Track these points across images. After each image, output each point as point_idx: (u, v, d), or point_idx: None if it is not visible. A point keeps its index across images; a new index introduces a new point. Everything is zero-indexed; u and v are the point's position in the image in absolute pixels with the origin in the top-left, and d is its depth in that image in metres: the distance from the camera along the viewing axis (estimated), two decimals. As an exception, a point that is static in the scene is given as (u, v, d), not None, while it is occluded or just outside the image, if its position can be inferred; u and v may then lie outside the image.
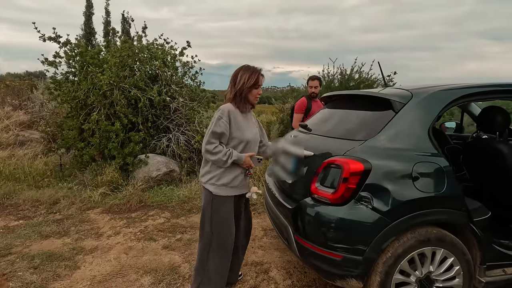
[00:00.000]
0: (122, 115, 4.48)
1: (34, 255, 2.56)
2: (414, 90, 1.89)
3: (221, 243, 1.86)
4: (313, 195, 1.78)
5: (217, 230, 1.85)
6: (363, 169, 1.63)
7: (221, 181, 1.84)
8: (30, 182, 4.44)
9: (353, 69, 5.95)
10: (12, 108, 7.41)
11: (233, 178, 1.86)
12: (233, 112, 1.81)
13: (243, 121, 1.86)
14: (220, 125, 1.76)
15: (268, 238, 3.00)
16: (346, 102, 2.40)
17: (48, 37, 4.61)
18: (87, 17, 9.24)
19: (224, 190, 1.85)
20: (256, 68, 1.85)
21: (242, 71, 1.82)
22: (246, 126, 1.86)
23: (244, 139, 1.84)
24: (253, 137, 1.91)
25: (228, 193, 1.86)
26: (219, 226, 1.85)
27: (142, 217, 3.49)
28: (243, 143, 1.85)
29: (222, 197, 1.84)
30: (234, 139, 1.82)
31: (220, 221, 1.85)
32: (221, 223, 1.85)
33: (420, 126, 1.76)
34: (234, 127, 1.80)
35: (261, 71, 1.87)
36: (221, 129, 1.76)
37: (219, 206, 1.84)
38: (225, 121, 1.77)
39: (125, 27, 8.86)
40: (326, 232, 1.68)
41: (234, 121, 1.80)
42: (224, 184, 1.84)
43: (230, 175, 1.85)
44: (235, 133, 1.81)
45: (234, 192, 1.88)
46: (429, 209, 1.64)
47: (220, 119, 1.77)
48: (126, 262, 2.52)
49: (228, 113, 1.79)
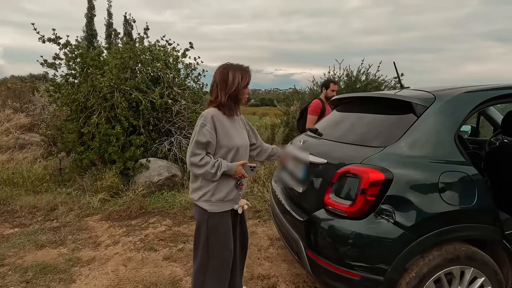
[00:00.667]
0: (123, 118, 4.35)
1: (28, 267, 2.41)
2: (436, 92, 1.73)
3: (219, 263, 1.65)
4: (327, 207, 1.63)
5: (215, 250, 1.64)
6: (383, 179, 1.48)
7: (216, 197, 1.62)
8: (28, 187, 4.31)
9: (360, 71, 5.80)
10: (13, 111, 7.33)
11: (229, 190, 1.65)
12: (218, 117, 1.60)
13: (230, 126, 1.64)
14: (204, 134, 1.54)
15: (275, 248, 2.84)
16: (359, 105, 2.25)
17: (48, 39, 4.50)
18: (88, 19, 9.17)
19: (220, 205, 1.63)
20: (243, 65, 1.67)
21: (232, 71, 1.61)
22: (234, 131, 1.65)
23: (233, 146, 1.63)
24: (243, 143, 1.69)
25: (224, 208, 1.64)
26: (217, 245, 1.64)
27: (143, 224, 3.34)
28: (233, 151, 1.63)
29: (219, 213, 1.63)
30: (222, 148, 1.61)
31: (218, 240, 1.64)
32: (219, 242, 1.64)
33: (445, 132, 1.60)
34: (221, 134, 1.59)
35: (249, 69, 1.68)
36: (206, 138, 1.54)
37: (216, 223, 1.63)
38: (210, 128, 1.55)
39: (127, 29, 8.78)
40: (343, 249, 1.52)
41: (220, 127, 1.59)
42: (220, 199, 1.63)
43: (226, 188, 1.63)
44: (222, 141, 1.60)
45: (231, 206, 1.68)
46: (458, 224, 1.48)
47: (203, 126, 1.55)
48: (125, 275, 2.36)
49: (212, 119, 1.57)
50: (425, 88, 1.90)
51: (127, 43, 5.14)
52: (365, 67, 5.72)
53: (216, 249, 1.63)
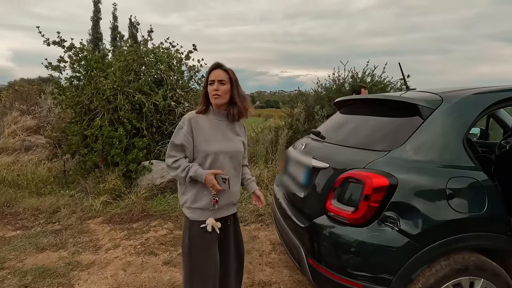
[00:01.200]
0: (126, 121, 4.34)
1: (27, 270, 2.40)
2: (444, 94, 1.66)
3: (203, 275, 1.54)
4: (329, 213, 1.57)
5: (197, 260, 1.53)
6: (388, 185, 1.41)
7: (196, 204, 1.51)
8: (32, 189, 4.33)
9: (365, 72, 5.71)
10: (19, 113, 7.41)
11: (210, 200, 1.51)
12: (197, 119, 1.51)
13: (211, 129, 1.53)
14: (179, 136, 1.48)
15: (277, 253, 2.78)
16: (363, 107, 2.18)
17: (53, 42, 4.54)
18: (94, 22, 9.26)
19: (201, 214, 1.52)
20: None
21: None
22: (216, 136, 1.53)
23: (209, 151, 1.50)
24: (225, 149, 1.53)
25: (207, 217, 1.52)
26: (200, 256, 1.54)
27: (144, 228, 3.31)
28: (210, 157, 1.50)
29: (200, 222, 1.52)
30: (199, 153, 1.51)
31: (200, 250, 1.52)
32: (202, 253, 1.53)
33: (453, 135, 1.53)
34: (199, 138, 1.49)
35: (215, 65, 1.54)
36: (180, 140, 1.48)
37: (198, 233, 1.51)
38: (186, 131, 1.48)
39: (132, 31, 8.85)
40: (345, 257, 1.46)
41: (198, 130, 1.49)
42: (201, 207, 1.51)
43: (206, 197, 1.52)
44: (199, 146, 1.50)
45: (215, 216, 1.54)
46: (467, 233, 1.40)
47: (180, 128, 1.50)
48: (124, 279, 2.33)
49: (189, 121, 1.49)
50: (431, 89, 1.83)
51: (131, 46, 5.16)
52: (370, 69, 5.65)
53: (199, 259, 1.53)
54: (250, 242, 2.99)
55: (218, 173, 1.48)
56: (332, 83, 5.99)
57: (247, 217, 3.56)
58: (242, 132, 1.68)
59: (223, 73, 1.51)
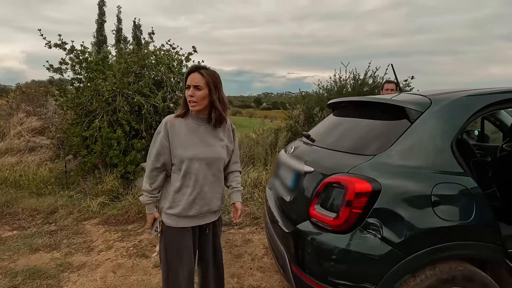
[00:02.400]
0: (125, 122, 4.37)
1: (18, 271, 2.41)
2: (433, 96, 1.60)
3: (177, 280, 1.51)
4: (312, 218, 1.52)
5: (172, 266, 1.50)
6: (370, 190, 1.36)
7: (172, 210, 1.47)
8: (32, 190, 4.38)
9: (367, 74, 5.62)
10: (25, 114, 7.55)
11: (187, 205, 1.47)
12: (174, 123, 1.47)
13: (188, 134, 1.48)
14: (156, 142, 1.47)
15: (269, 257, 2.74)
16: (355, 109, 2.13)
17: (54, 44, 4.59)
18: (99, 25, 9.41)
19: (175, 220, 1.48)
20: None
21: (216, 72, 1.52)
22: (190, 140, 1.47)
23: (184, 157, 1.44)
24: (198, 155, 1.46)
25: (181, 224, 1.48)
26: (174, 262, 1.49)
27: (138, 229, 3.31)
28: (185, 163, 1.45)
29: (175, 228, 1.48)
30: (175, 157, 1.46)
31: (174, 256, 1.49)
32: (176, 259, 1.49)
33: (441, 139, 1.47)
34: (175, 142, 1.45)
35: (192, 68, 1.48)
36: (155, 148, 1.46)
37: (172, 239, 1.49)
38: (162, 135, 1.45)
39: (136, 34, 8.96)
40: (326, 265, 1.41)
41: (174, 135, 1.45)
42: (175, 214, 1.47)
43: (183, 202, 1.46)
44: (175, 150, 1.45)
45: (191, 223, 1.50)
46: (454, 241, 1.34)
47: (158, 133, 1.47)
48: (112, 282, 2.32)
49: (165, 125, 1.45)
50: (422, 92, 1.78)
51: (133, 49, 5.20)
52: (372, 70, 5.56)
53: (174, 265, 1.50)
54: (243, 246, 2.95)
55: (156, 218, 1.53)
56: (334, 85, 5.92)
57: (243, 219, 3.53)
58: (227, 136, 1.62)
59: (199, 77, 1.44)
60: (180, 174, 1.47)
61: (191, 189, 1.48)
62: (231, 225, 3.42)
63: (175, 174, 1.49)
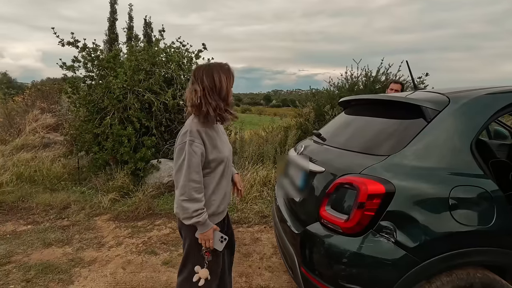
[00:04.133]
0: (135, 119, 4.41)
1: (31, 265, 2.47)
2: (451, 94, 1.53)
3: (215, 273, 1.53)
4: (322, 220, 1.48)
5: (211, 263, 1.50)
6: (384, 192, 1.31)
7: (208, 211, 1.45)
8: (46, 185, 4.48)
9: (379, 71, 5.49)
10: (40, 111, 7.73)
11: (220, 202, 1.51)
12: (203, 129, 1.42)
13: (216, 136, 1.49)
14: (196, 152, 1.36)
15: (278, 257, 2.71)
16: (367, 108, 2.07)
17: (67, 42, 4.67)
18: (111, 23, 9.54)
19: (211, 219, 1.47)
20: (223, 63, 1.48)
21: (216, 71, 1.42)
22: (219, 141, 1.49)
23: (224, 158, 1.48)
24: (230, 152, 1.56)
25: (215, 221, 1.51)
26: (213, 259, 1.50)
27: (148, 226, 3.34)
28: (223, 164, 1.48)
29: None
30: (211, 163, 1.43)
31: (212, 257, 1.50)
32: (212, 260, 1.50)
33: (459, 139, 1.40)
34: (209, 148, 1.42)
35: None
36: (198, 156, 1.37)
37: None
38: (199, 143, 1.38)
39: (147, 32, 9.03)
40: (336, 268, 1.37)
41: (208, 140, 1.42)
42: (211, 213, 1.47)
43: (217, 200, 1.49)
44: (211, 155, 1.43)
45: (221, 217, 1.56)
46: (472, 247, 1.28)
47: (192, 143, 1.36)
48: (122, 278, 2.35)
49: (197, 132, 1.39)
50: (439, 89, 1.70)
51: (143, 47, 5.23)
52: (385, 67, 5.42)
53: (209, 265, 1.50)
54: (251, 245, 2.93)
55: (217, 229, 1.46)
56: (345, 82, 5.81)
57: (251, 218, 3.51)
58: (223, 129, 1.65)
59: None
60: (217, 175, 1.48)
61: (224, 188, 1.53)
62: (240, 223, 3.41)
63: (207, 177, 1.46)
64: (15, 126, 7.09)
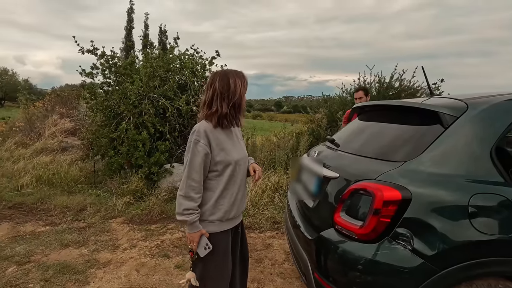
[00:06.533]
0: (150, 125, 4.51)
1: (50, 265, 2.54)
2: (470, 100, 1.51)
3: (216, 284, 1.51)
4: (337, 226, 1.47)
5: (211, 271, 1.48)
6: (400, 199, 1.30)
7: (215, 216, 1.45)
8: (64, 188, 4.62)
9: (393, 77, 5.44)
10: (59, 116, 8.01)
11: (229, 207, 1.47)
12: (211, 130, 1.44)
13: (225, 139, 1.49)
14: (199, 151, 1.38)
15: (290, 263, 2.69)
16: (382, 114, 2.05)
17: (87, 50, 4.85)
18: (127, 31, 9.88)
19: (219, 225, 1.47)
20: (238, 71, 1.52)
21: (232, 77, 1.46)
22: (230, 144, 1.49)
23: (231, 160, 1.46)
24: (241, 156, 1.53)
25: (224, 228, 1.49)
26: (214, 267, 1.49)
27: (161, 230, 3.38)
28: (231, 166, 1.46)
29: (217, 233, 1.47)
30: (217, 165, 1.44)
31: (216, 261, 1.49)
32: (218, 263, 1.49)
33: (479, 146, 1.37)
34: (216, 150, 1.43)
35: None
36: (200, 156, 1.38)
37: (214, 244, 1.46)
38: (204, 143, 1.40)
39: (162, 39, 9.29)
40: (351, 275, 1.36)
41: (214, 142, 1.43)
42: (219, 219, 1.47)
43: (226, 205, 1.47)
44: (217, 157, 1.43)
45: (231, 225, 1.53)
46: (492, 257, 1.24)
47: (197, 143, 1.39)
48: (136, 280, 2.38)
49: (205, 133, 1.41)
50: (457, 95, 1.68)
51: (158, 54, 5.38)
52: (399, 73, 5.36)
53: (213, 270, 1.49)
54: (263, 250, 2.93)
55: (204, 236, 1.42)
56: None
57: (263, 224, 3.50)
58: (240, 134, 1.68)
59: None
60: (224, 178, 1.46)
61: (233, 193, 1.50)
62: (251, 229, 3.41)
63: (214, 180, 1.47)
64: (35, 131, 7.37)
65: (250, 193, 4.03)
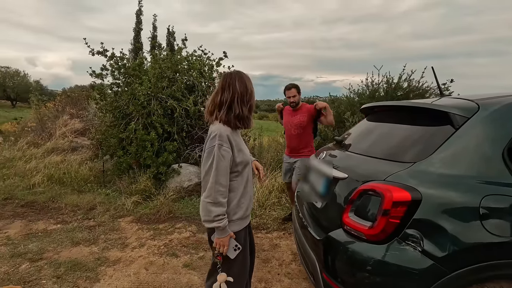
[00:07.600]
0: (158, 125, 4.56)
1: (61, 262, 2.59)
2: (481, 100, 1.49)
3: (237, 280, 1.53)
4: (345, 226, 1.48)
5: (234, 267, 1.52)
6: (410, 200, 1.29)
7: (237, 215, 1.49)
8: (74, 187, 4.71)
9: (401, 77, 5.37)
10: (69, 117, 8.16)
11: (248, 205, 1.55)
12: (231, 133, 1.46)
13: (240, 139, 1.53)
14: (224, 156, 1.38)
15: (297, 264, 2.69)
16: (391, 114, 2.04)
17: (97, 52, 4.94)
18: (136, 33, 10.01)
19: (239, 224, 1.52)
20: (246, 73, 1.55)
21: (247, 80, 1.50)
22: (243, 144, 1.54)
23: (248, 160, 1.53)
24: (250, 155, 1.61)
25: (243, 225, 1.55)
26: (237, 263, 1.52)
27: (169, 229, 3.42)
28: (248, 166, 1.54)
29: (239, 232, 1.52)
30: (238, 165, 1.47)
31: (240, 260, 1.53)
32: (239, 259, 1.53)
33: (490, 147, 1.36)
34: (236, 151, 1.45)
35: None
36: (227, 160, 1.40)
37: (240, 241, 1.52)
38: (227, 147, 1.41)
39: (170, 40, 9.39)
40: (359, 276, 1.36)
41: (235, 143, 1.45)
42: (240, 217, 1.51)
43: (245, 203, 1.53)
44: (238, 158, 1.46)
45: (247, 222, 1.60)
46: (504, 259, 1.22)
47: (221, 147, 1.38)
48: (145, 278, 2.41)
49: (227, 137, 1.42)
50: (468, 96, 1.66)
51: (166, 55, 5.44)
52: (407, 73, 5.30)
53: (240, 266, 1.55)
54: (270, 251, 2.93)
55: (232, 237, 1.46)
56: (365, 89, 5.73)
57: (270, 224, 3.51)
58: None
59: None
60: (244, 177, 1.52)
61: (250, 191, 1.57)
62: (258, 229, 3.42)
63: (234, 181, 1.49)
64: (46, 131, 7.52)
65: (257, 193, 4.04)
